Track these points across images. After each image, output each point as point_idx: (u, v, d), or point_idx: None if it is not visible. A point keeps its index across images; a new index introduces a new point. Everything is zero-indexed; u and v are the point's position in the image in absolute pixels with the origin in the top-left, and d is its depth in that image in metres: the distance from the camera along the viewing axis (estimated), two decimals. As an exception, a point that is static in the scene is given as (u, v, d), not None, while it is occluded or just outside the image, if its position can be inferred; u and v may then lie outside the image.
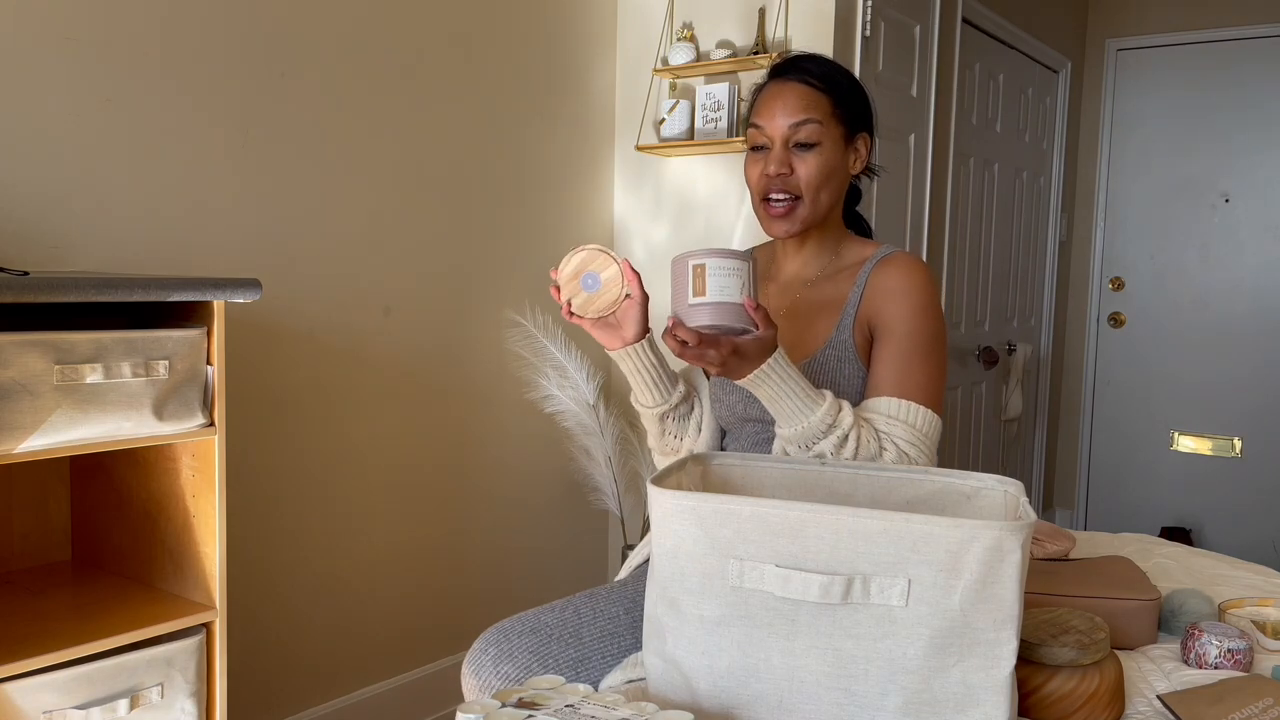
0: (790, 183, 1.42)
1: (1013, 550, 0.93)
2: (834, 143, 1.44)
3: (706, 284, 1.17)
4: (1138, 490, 4.29)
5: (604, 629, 1.39)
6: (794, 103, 1.42)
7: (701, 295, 1.18)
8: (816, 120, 1.42)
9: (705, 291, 1.18)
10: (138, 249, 1.86)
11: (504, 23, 2.54)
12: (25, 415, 1.30)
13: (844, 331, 1.43)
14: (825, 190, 1.44)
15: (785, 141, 1.42)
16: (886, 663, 0.96)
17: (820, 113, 1.42)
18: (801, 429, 1.27)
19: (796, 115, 1.41)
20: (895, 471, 1.20)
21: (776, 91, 1.45)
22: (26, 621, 1.45)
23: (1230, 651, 1.24)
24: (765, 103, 1.45)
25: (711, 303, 1.17)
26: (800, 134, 1.41)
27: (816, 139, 1.42)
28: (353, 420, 2.25)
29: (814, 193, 1.43)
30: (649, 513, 1.09)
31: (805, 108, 1.42)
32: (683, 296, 1.19)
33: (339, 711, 2.26)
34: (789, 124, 1.42)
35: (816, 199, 1.43)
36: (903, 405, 1.34)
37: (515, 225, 2.62)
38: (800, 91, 1.43)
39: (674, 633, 1.04)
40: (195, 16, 1.91)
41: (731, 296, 1.18)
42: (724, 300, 1.17)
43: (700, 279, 1.18)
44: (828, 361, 1.43)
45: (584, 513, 2.87)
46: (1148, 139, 4.21)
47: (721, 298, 1.17)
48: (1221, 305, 4.08)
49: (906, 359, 1.37)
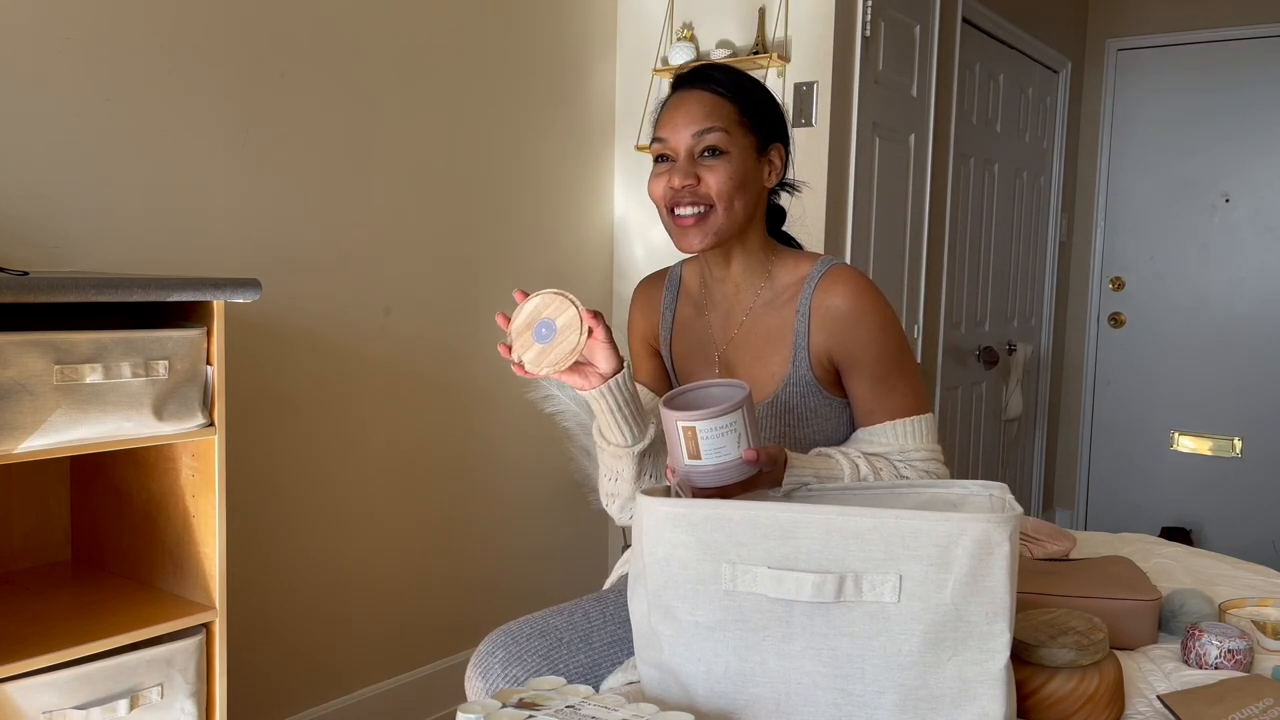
0: (699, 193, 1.32)
1: (1001, 543, 0.94)
2: (743, 152, 1.34)
3: (700, 448, 1.11)
4: (1138, 490, 4.29)
5: (614, 634, 1.38)
6: (697, 111, 1.34)
7: (697, 459, 1.12)
8: (721, 128, 1.33)
9: (700, 455, 1.11)
10: (138, 249, 1.86)
11: (504, 23, 2.54)
12: (25, 415, 1.30)
13: (800, 366, 1.37)
14: (738, 200, 1.34)
15: (690, 152, 1.33)
16: (882, 660, 0.96)
17: (725, 120, 1.33)
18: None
19: (700, 124, 1.33)
20: (880, 488, 1.21)
21: (678, 101, 1.37)
22: (26, 621, 1.45)
23: (1230, 651, 1.24)
24: (668, 114, 1.37)
25: (708, 468, 1.12)
26: (705, 141, 1.32)
27: (724, 146, 1.33)
28: (353, 420, 2.25)
29: (727, 200, 1.33)
30: (636, 523, 1.08)
31: (708, 115, 1.33)
32: (678, 454, 1.13)
33: (339, 711, 2.26)
34: (692, 133, 1.33)
35: (730, 208, 1.33)
36: (903, 428, 1.33)
37: (515, 225, 2.62)
38: (704, 99, 1.34)
39: (669, 640, 1.04)
40: (196, 16, 1.91)
41: (728, 456, 1.11)
42: (721, 462, 1.12)
43: (693, 442, 1.11)
44: (790, 398, 1.38)
45: (584, 513, 2.87)
46: (1148, 139, 4.21)
47: (719, 460, 1.11)
48: (1221, 305, 4.08)
49: (884, 379, 1.35)
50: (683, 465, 1.13)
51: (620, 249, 2.92)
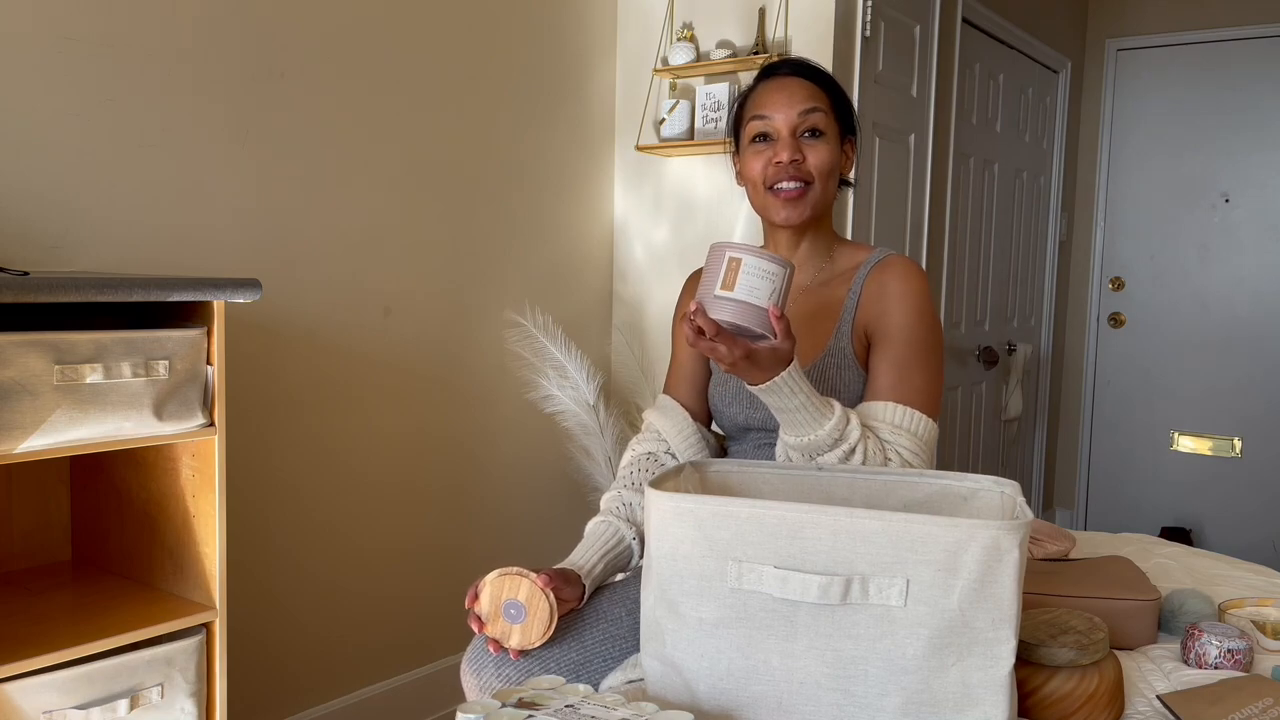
0: (803, 169, 1.42)
1: (1010, 549, 0.93)
2: (834, 138, 1.45)
3: (738, 280, 1.14)
4: (1138, 490, 4.29)
5: (606, 631, 1.39)
6: (801, 93, 1.43)
7: (729, 290, 1.15)
8: (823, 110, 1.43)
9: (734, 287, 1.14)
10: (138, 249, 1.86)
11: (504, 23, 2.54)
12: (25, 415, 1.30)
13: (842, 338, 1.42)
14: (830, 181, 1.44)
15: (794, 130, 1.42)
16: (886, 663, 0.96)
17: (824, 104, 1.44)
18: (808, 440, 1.26)
19: (805, 103, 1.42)
20: (892, 475, 1.20)
21: (779, 85, 1.45)
22: (26, 621, 1.45)
23: (1230, 651, 1.24)
24: (768, 95, 1.45)
25: (737, 300, 1.14)
26: (809, 121, 1.42)
27: (823, 128, 1.43)
28: (353, 420, 2.25)
29: (825, 179, 1.43)
30: (645, 516, 1.08)
31: (811, 97, 1.43)
32: (711, 285, 1.16)
33: (339, 711, 2.26)
34: (797, 112, 1.42)
35: (827, 186, 1.44)
36: (906, 413, 1.34)
37: (515, 225, 2.62)
38: (804, 84, 1.44)
39: (673, 635, 1.04)
40: (195, 16, 1.91)
41: (758, 299, 1.14)
42: (750, 301, 1.14)
43: (733, 273, 1.15)
44: (828, 369, 1.42)
45: (584, 513, 2.87)
46: (1148, 139, 4.21)
47: (749, 298, 1.14)
48: (1221, 305, 4.08)
49: (906, 363, 1.37)
50: (712, 293, 1.15)
51: (620, 249, 2.92)
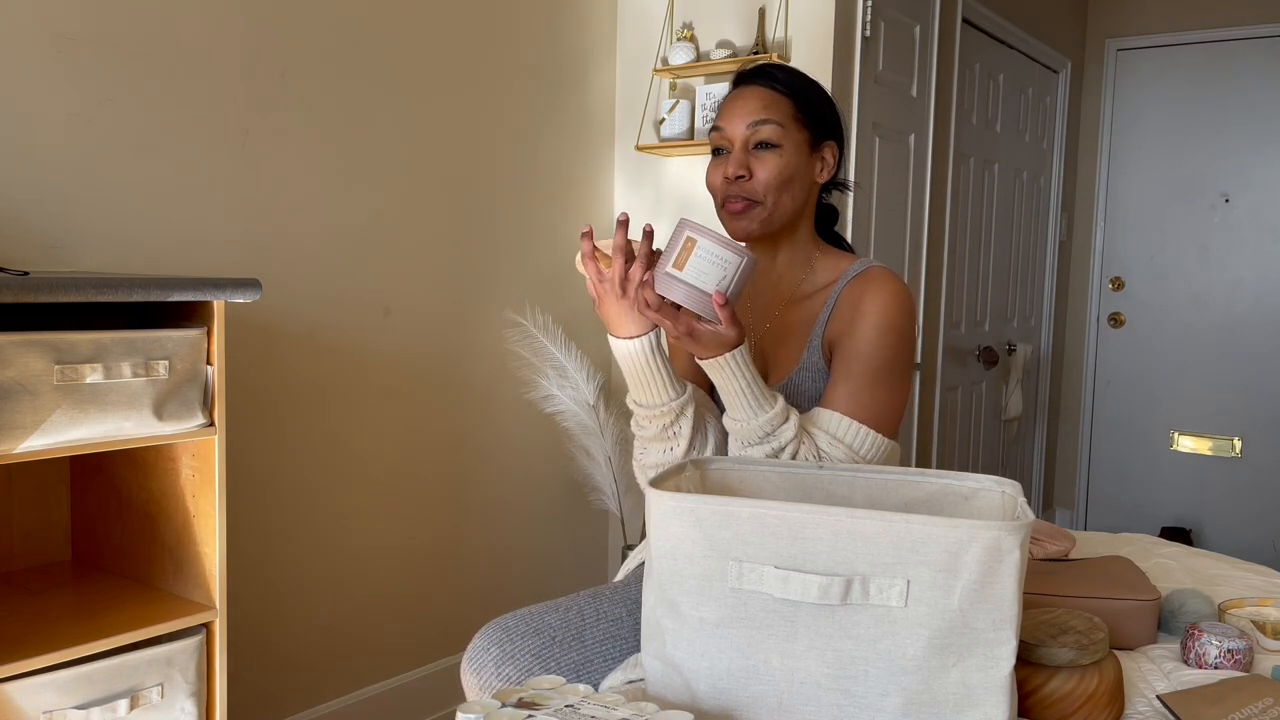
0: (747, 188, 1.39)
1: (1011, 550, 0.93)
2: (796, 147, 1.40)
3: (688, 261, 1.15)
4: (1138, 490, 4.29)
5: (607, 631, 1.39)
6: (754, 104, 1.40)
7: (679, 269, 1.16)
8: (775, 121, 1.39)
9: (684, 268, 1.16)
10: (138, 249, 1.86)
11: (504, 23, 2.54)
12: (25, 415, 1.30)
13: (814, 352, 1.41)
14: (786, 193, 1.40)
15: (745, 143, 1.40)
16: (886, 663, 0.96)
17: (780, 114, 1.39)
18: (740, 426, 1.28)
19: (755, 115, 1.39)
20: (893, 474, 1.20)
21: (736, 95, 1.43)
22: (26, 621, 1.45)
23: (1230, 651, 1.24)
24: (726, 106, 1.43)
25: (684, 281, 1.16)
26: (759, 134, 1.39)
27: (776, 140, 1.39)
28: (353, 420, 2.25)
29: (774, 194, 1.39)
30: (647, 514, 1.08)
31: (764, 108, 1.39)
32: (665, 260, 1.18)
33: (339, 711, 2.26)
34: (746, 124, 1.39)
35: (778, 201, 1.40)
36: (850, 427, 1.32)
37: (515, 225, 2.62)
38: (761, 94, 1.41)
39: (673, 635, 1.04)
40: (195, 16, 1.91)
41: (704, 284, 1.16)
42: (696, 285, 1.16)
43: (686, 253, 1.15)
44: (803, 382, 1.41)
45: (584, 513, 2.87)
46: (1148, 139, 4.21)
47: (695, 282, 1.16)
48: (1221, 305, 4.08)
49: (862, 377, 1.34)
50: (664, 269, 1.17)
51: (620, 249, 2.92)
